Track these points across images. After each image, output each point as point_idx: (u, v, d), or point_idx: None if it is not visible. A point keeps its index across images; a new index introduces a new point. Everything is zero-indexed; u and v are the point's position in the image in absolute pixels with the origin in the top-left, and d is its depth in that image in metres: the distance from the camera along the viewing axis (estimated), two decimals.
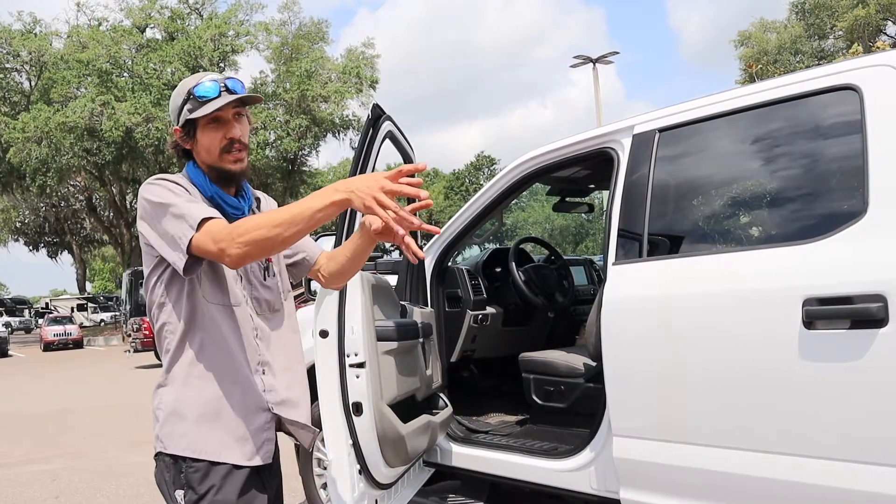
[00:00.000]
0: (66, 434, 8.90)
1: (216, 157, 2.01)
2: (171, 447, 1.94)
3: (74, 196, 38.44)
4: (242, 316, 2.03)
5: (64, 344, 29.88)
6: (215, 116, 1.99)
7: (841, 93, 2.50)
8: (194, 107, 1.98)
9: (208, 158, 2.03)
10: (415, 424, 3.30)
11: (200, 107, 1.97)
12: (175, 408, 1.95)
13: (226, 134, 2.01)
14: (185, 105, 1.99)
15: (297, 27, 33.59)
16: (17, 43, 30.21)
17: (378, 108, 3.18)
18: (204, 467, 1.92)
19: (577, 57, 27.03)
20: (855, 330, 2.25)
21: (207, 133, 2.00)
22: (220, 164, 2.02)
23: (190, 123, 2.00)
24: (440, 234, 4.04)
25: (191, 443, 1.93)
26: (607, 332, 2.87)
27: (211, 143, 2.00)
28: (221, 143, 2.00)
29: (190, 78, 2.05)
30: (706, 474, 2.60)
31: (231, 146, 2.01)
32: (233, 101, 1.99)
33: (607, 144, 3.21)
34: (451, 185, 58.73)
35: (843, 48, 30.80)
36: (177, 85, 2.04)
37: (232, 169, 2.03)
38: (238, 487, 1.94)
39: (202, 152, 2.03)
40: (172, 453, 1.93)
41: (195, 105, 1.98)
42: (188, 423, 1.94)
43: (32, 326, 49.56)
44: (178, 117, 2.02)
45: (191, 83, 2.01)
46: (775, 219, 2.87)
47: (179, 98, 2.02)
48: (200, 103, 1.97)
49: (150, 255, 1.99)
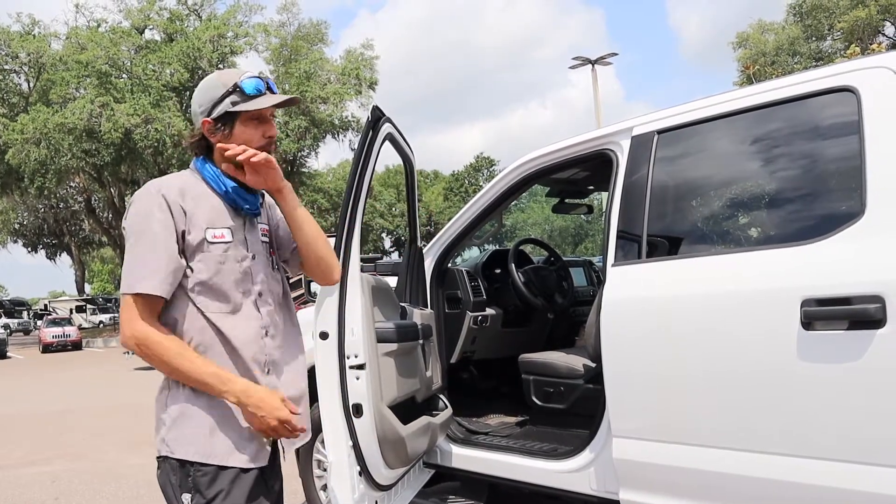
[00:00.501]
0: (66, 435, 8.90)
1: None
2: (178, 452, 1.93)
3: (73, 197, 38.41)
4: (248, 317, 2.02)
5: (63, 345, 29.87)
6: (258, 114, 2.01)
7: (839, 94, 2.51)
8: (240, 100, 1.98)
9: None
10: (415, 426, 3.30)
11: (247, 101, 1.98)
12: (182, 412, 1.95)
13: (265, 132, 2.03)
14: (228, 97, 1.99)
15: (295, 28, 33.63)
16: (16, 44, 30.19)
17: (378, 110, 3.18)
18: (212, 471, 1.92)
19: (576, 58, 27.03)
20: (853, 331, 2.26)
21: (248, 129, 2.01)
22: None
23: (228, 116, 2.00)
24: (440, 236, 4.05)
25: (199, 448, 1.93)
26: (607, 333, 2.88)
27: (250, 139, 2.01)
28: (261, 142, 2.02)
29: (227, 71, 2.06)
30: (705, 475, 2.61)
31: (269, 146, 2.04)
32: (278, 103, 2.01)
33: (606, 146, 3.22)
34: (450, 187, 58.78)
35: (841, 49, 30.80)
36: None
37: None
38: (246, 492, 1.95)
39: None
40: (180, 458, 1.93)
41: (241, 98, 1.98)
42: (195, 427, 1.94)
43: (31, 328, 49.53)
44: (211, 109, 2.01)
45: (233, 76, 2.02)
46: (774, 220, 2.88)
47: (218, 90, 2.01)
48: (248, 98, 1.98)
49: None
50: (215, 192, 2.04)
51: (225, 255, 1.99)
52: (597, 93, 26.88)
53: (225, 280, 1.99)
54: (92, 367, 20.62)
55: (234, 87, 1.99)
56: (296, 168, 35.09)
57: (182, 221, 1.94)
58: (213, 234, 1.98)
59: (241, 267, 2.03)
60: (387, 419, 3.10)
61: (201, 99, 2.03)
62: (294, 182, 35.34)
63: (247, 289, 2.04)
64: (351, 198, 3.00)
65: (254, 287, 2.06)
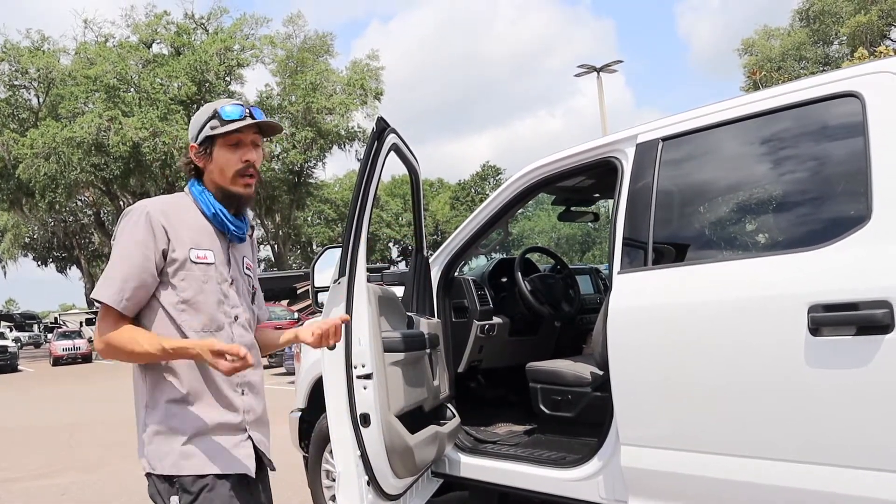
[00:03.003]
0: (76, 448, 8.92)
1: (229, 177, 2.08)
2: (158, 468, 1.98)
3: (83, 211, 38.66)
4: (228, 337, 2.08)
5: (73, 358, 29.95)
6: (237, 139, 2.07)
7: (843, 100, 2.51)
8: (218, 125, 2.06)
9: (221, 178, 2.09)
10: (422, 435, 3.30)
11: (224, 125, 2.05)
12: (158, 429, 2.00)
13: (242, 156, 2.09)
14: (209, 122, 2.07)
15: (301, 40, 33.81)
16: (26, 60, 30.47)
17: (382, 122, 3.19)
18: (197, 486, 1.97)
19: (582, 66, 27.01)
20: (861, 336, 2.25)
21: (225, 152, 2.08)
22: (230, 185, 2.09)
23: (209, 140, 2.07)
24: (446, 245, 4.06)
25: (177, 461, 1.97)
26: (613, 341, 2.88)
27: (227, 162, 2.08)
28: (237, 165, 2.08)
29: (217, 101, 2.14)
30: (714, 482, 2.60)
31: (246, 169, 2.09)
32: (253, 127, 2.08)
33: (611, 154, 3.22)
34: (456, 196, 58.78)
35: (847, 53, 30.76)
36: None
37: (241, 192, 2.11)
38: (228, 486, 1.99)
39: (216, 171, 2.09)
40: (160, 474, 1.98)
41: (219, 123, 2.06)
42: (172, 443, 1.98)
43: (42, 341, 49.71)
44: (197, 134, 2.10)
45: (217, 104, 2.10)
46: (779, 226, 2.88)
47: (203, 116, 2.10)
48: (224, 122, 2.05)
49: None
50: (203, 213, 2.11)
51: (207, 276, 2.05)
52: (602, 100, 26.86)
53: (207, 300, 2.05)
54: (102, 379, 20.68)
55: (213, 113, 2.08)
56: (302, 179, 35.18)
57: (163, 240, 2.00)
58: (197, 254, 2.04)
59: (221, 289, 2.09)
60: (394, 428, 3.10)
61: (192, 126, 2.14)
62: (301, 192, 35.49)
63: (226, 311, 2.10)
64: (357, 208, 3.01)
65: (232, 310, 2.12)
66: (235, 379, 2.07)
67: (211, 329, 2.04)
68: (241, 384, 2.10)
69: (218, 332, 2.05)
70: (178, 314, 2.00)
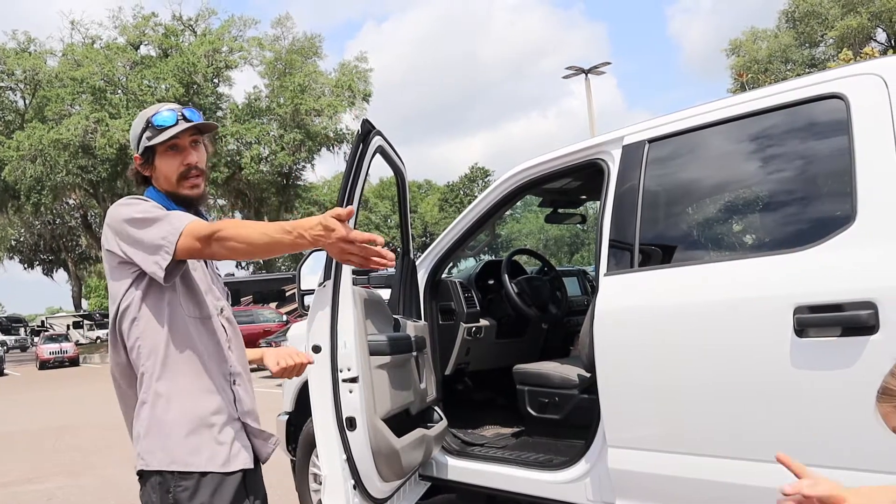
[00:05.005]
0: (64, 452, 8.85)
1: (174, 183, 2.08)
2: (154, 463, 1.94)
3: (69, 213, 38.40)
4: (216, 327, 2.08)
5: (60, 362, 29.75)
6: (173, 144, 2.05)
7: (828, 101, 2.52)
8: (153, 134, 2.05)
9: (167, 185, 2.09)
10: (409, 438, 3.29)
11: (158, 134, 2.04)
12: (155, 423, 1.96)
13: (183, 160, 2.07)
14: (144, 133, 2.06)
15: (290, 42, 33.69)
16: (12, 61, 30.28)
17: (368, 124, 3.18)
18: (192, 484, 1.92)
19: (570, 68, 27.03)
20: (846, 337, 2.25)
21: (165, 160, 2.07)
22: (177, 190, 2.09)
23: (149, 151, 2.07)
24: (432, 247, 4.05)
25: (176, 457, 1.93)
26: (600, 342, 2.88)
27: (169, 169, 2.07)
28: (179, 170, 2.07)
29: (149, 108, 2.13)
30: (701, 484, 2.60)
31: (188, 172, 2.08)
32: (189, 129, 2.06)
33: (597, 155, 3.22)
34: (445, 198, 58.81)
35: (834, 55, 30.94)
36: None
37: (189, 195, 2.10)
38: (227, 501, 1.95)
39: (161, 179, 2.09)
40: (157, 469, 1.93)
41: (153, 133, 2.05)
42: (170, 437, 1.94)
43: (28, 345, 49.37)
44: (137, 145, 2.09)
45: (149, 112, 2.09)
46: (765, 227, 2.89)
47: (139, 127, 2.09)
48: (158, 131, 2.04)
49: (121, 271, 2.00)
50: None
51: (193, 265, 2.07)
52: (590, 102, 26.91)
53: (199, 287, 2.06)
54: (89, 383, 20.56)
55: (146, 123, 2.07)
56: (291, 181, 35.10)
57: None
58: None
59: (206, 280, 2.11)
60: (381, 432, 3.09)
61: (132, 137, 2.13)
62: (289, 195, 35.38)
63: (213, 301, 2.11)
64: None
65: (218, 302, 2.13)
66: (226, 369, 2.06)
67: (203, 316, 2.04)
68: (233, 374, 2.08)
69: (208, 319, 2.05)
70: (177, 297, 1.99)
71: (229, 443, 2.01)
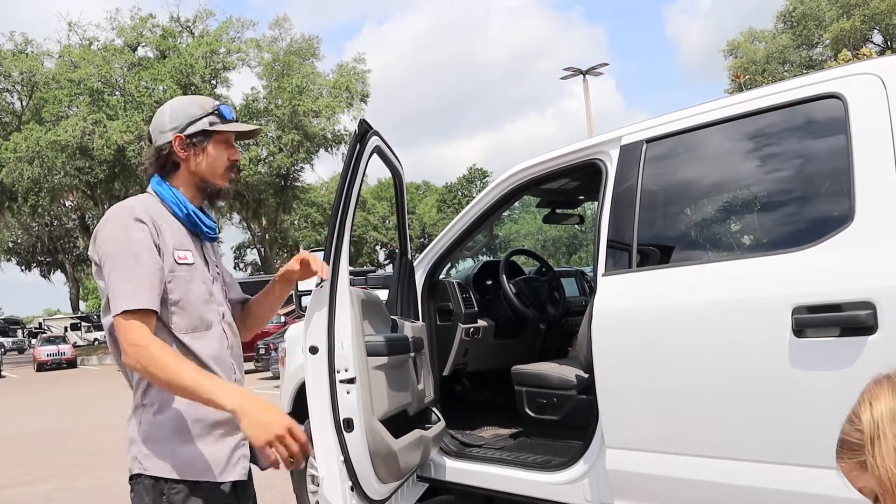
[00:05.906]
0: (61, 454, 8.83)
1: (219, 173, 2.11)
2: (151, 469, 1.91)
3: (67, 215, 38.38)
4: (217, 337, 2.05)
5: (57, 364, 29.68)
6: (227, 138, 2.12)
7: (826, 101, 2.51)
8: (219, 122, 2.09)
9: (208, 172, 2.09)
10: (407, 439, 3.28)
11: (226, 124, 2.10)
12: (155, 429, 1.93)
13: (231, 156, 2.14)
14: (207, 117, 2.08)
15: (287, 44, 33.71)
16: (9, 63, 30.27)
17: (365, 124, 3.17)
18: (186, 489, 1.91)
19: (568, 69, 27.05)
20: (845, 337, 2.25)
21: (219, 149, 2.11)
22: (217, 179, 2.11)
23: (204, 135, 2.07)
24: (430, 248, 4.04)
25: (175, 464, 1.91)
26: (598, 343, 2.87)
27: (219, 158, 2.11)
28: (226, 164, 2.12)
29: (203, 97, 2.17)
30: (699, 485, 2.60)
31: (233, 167, 2.15)
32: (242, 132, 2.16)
33: (595, 156, 3.22)
34: (443, 199, 58.80)
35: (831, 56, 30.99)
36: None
37: (223, 186, 2.14)
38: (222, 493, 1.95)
39: (203, 165, 2.08)
40: (154, 475, 1.91)
41: (220, 121, 2.10)
42: (169, 444, 1.92)
43: (26, 347, 49.30)
44: (186, 126, 2.06)
45: (211, 101, 2.14)
46: (763, 227, 2.88)
47: (195, 109, 2.08)
48: (226, 121, 2.11)
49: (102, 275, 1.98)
50: (175, 214, 2.06)
51: (191, 276, 2.01)
52: (588, 103, 26.94)
53: (195, 300, 2.01)
54: (87, 385, 20.53)
55: (214, 109, 2.10)
56: (289, 182, 35.09)
57: (157, 238, 1.95)
58: (180, 255, 2.00)
59: (207, 288, 2.07)
60: (378, 433, 3.08)
61: (174, 116, 2.08)
62: (287, 196, 35.38)
63: (213, 308, 2.07)
64: (339, 211, 2.99)
65: (219, 308, 2.10)
66: (230, 377, 2.03)
67: (201, 329, 2.00)
68: (238, 381, 2.07)
69: (208, 330, 2.02)
70: (168, 316, 1.95)
71: (228, 452, 1.99)
